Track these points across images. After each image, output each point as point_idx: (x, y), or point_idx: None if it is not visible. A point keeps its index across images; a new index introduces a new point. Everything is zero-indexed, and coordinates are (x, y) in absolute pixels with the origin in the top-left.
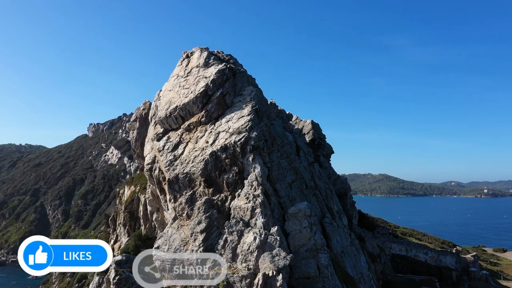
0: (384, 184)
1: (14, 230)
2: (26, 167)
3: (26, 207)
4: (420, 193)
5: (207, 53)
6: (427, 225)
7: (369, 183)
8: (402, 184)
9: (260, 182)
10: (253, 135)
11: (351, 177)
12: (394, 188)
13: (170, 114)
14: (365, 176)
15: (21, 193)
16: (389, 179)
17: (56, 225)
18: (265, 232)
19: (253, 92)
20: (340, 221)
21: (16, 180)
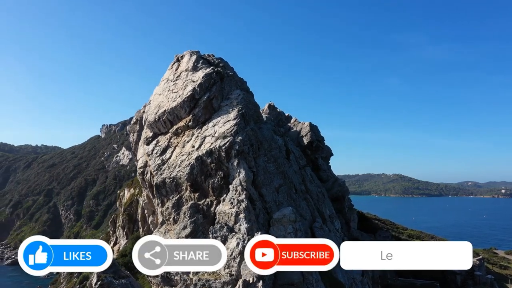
0: (398, 184)
1: (28, 230)
2: (41, 168)
3: (40, 207)
4: (436, 193)
5: (196, 57)
6: (441, 226)
7: (383, 183)
8: (416, 184)
9: (245, 187)
10: (238, 139)
11: (365, 177)
12: (409, 188)
13: (159, 118)
14: (379, 176)
15: (35, 193)
16: (403, 179)
17: (69, 225)
18: (249, 237)
19: (240, 96)
20: (332, 226)
21: (30, 181)
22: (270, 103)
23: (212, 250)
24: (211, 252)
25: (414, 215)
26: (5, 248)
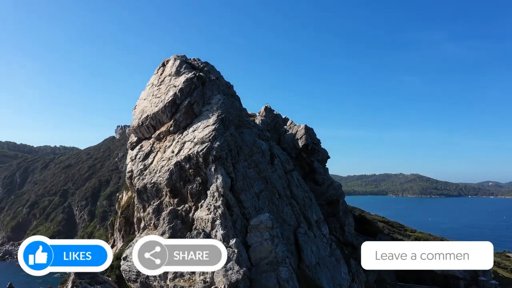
0: (416, 184)
1: (44, 230)
2: (57, 169)
3: (55, 208)
4: (455, 193)
5: (180, 62)
6: (457, 227)
7: (401, 183)
8: (435, 184)
9: (222, 193)
10: (215, 145)
11: (382, 177)
12: (427, 188)
13: (142, 123)
14: (397, 176)
15: (51, 193)
16: (421, 179)
17: (83, 225)
18: (224, 244)
19: (220, 100)
20: (319, 231)
21: (47, 181)
22: (266, 106)
23: (212, 250)
24: (211, 252)
25: (431, 216)
26: None
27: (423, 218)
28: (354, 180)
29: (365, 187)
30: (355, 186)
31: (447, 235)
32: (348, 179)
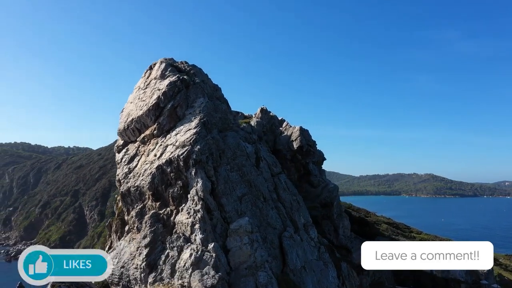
0: (430, 184)
1: (55, 230)
2: (69, 169)
3: (67, 208)
4: (470, 193)
5: (165, 65)
6: (470, 228)
7: (414, 183)
8: (449, 184)
9: (202, 196)
10: (196, 148)
11: (395, 177)
12: (441, 188)
13: (127, 126)
14: (410, 176)
15: (63, 194)
16: (435, 179)
17: (93, 225)
18: (203, 248)
19: (203, 104)
20: (306, 235)
21: (59, 182)
22: (262, 107)
23: (95, 259)
24: (95, 262)
25: (444, 216)
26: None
27: (436, 218)
28: (366, 180)
29: (378, 187)
30: (368, 186)
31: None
32: (360, 179)
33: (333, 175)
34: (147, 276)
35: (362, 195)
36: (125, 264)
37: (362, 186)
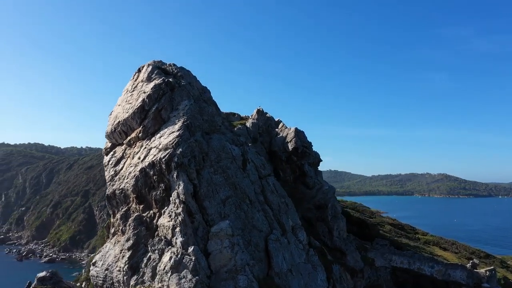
0: (443, 184)
1: (66, 229)
2: (80, 170)
3: (77, 208)
4: (484, 193)
5: (152, 68)
6: (483, 229)
7: (427, 183)
8: (463, 184)
9: (183, 199)
10: (178, 151)
11: (408, 177)
12: (455, 188)
13: (115, 129)
14: (423, 176)
15: (73, 194)
16: (449, 179)
17: (102, 225)
18: (183, 252)
19: (187, 106)
20: (295, 237)
21: (70, 182)
22: (258, 109)
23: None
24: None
25: (457, 217)
26: (44, 246)
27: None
28: (378, 180)
29: (390, 187)
30: (380, 186)
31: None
32: (372, 179)
33: (345, 175)
34: (129, 279)
35: (374, 195)
36: (109, 267)
37: (374, 186)
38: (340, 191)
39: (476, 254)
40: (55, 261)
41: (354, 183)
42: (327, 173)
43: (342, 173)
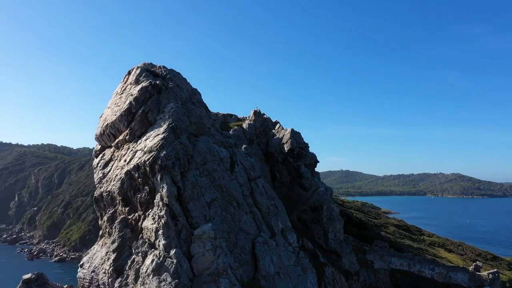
0: (457, 184)
1: (76, 229)
2: (91, 170)
3: (87, 208)
4: (499, 194)
5: (140, 70)
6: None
7: (440, 183)
8: (477, 184)
9: (166, 202)
10: (162, 154)
11: (420, 176)
12: (468, 188)
13: (103, 131)
14: (436, 176)
15: (84, 194)
16: (462, 179)
17: None
18: (165, 254)
19: (172, 109)
20: (284, 240)
21: (80, 182)
22: (255, 110)
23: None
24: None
25: (470, 217)
26: (55, 245)
27: (461, 220)
28: (391, 180)
29: (403, 187)
30: (392, 186)
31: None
32: (384, 179)
33: (357, 175)
34: (114, 281)
35: (386, 195)
36: (95, 269)
37: (386, 186)
38: (351, 191)
39: (483, 256)
40: (65, 260)
41: (366, 183)
42: (338, 173)
43: (354, 173)
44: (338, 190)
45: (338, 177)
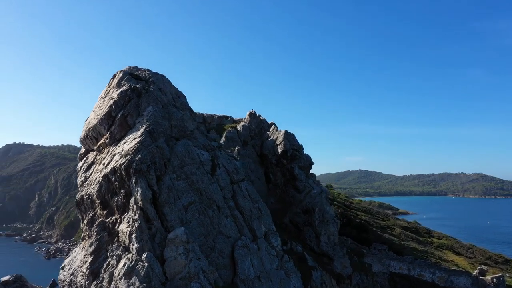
0: (479, 184)
1: None
2: None
3: None
4: None
5: (122, 74)
6: None
7: (462, 183)
8: (500, 184)
9: (141, 206)
10: (137, 158)
11: (441, 176)
12: (491, 188)
13: (86, 135)
14: (457, 175)
15: None
16: (485, 179)
17: None
18: (137, 258)
19: (150, 112)
20: (267, 243)
21: None
22: (251, 111)
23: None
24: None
25: (491, 218)
26: (72, 245)
27: (481, 221)
28: (410, 180)
29: (423, 187)
30: (412, 186)
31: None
32: (404, 179)
33: (375, 175)
34: (90, 284)
35: (405, 196)
36: (74, 271)
37: (405, 186)
38: (370, 191)
39: (493, 259)
40: None
41: (385, 183)
42: (357, 173)
43: (372, 173)
44: (356, 190)
45: (357, 177)
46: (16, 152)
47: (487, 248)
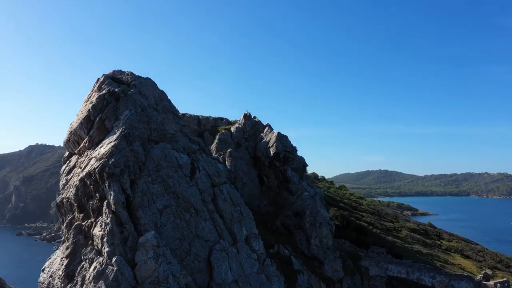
0: (503, 184)
1: None
2: None
3: None
4: None
5: (104, 78)
6: None
7: (485, 183)
8: None
9: (113, 209)
10: (110, 162)
11: (464, 176)
12: None
13: (69, 138)
14: (481, 175)
15: None
16: (510, 179)
17: None
18: (108, 261)
19: (126, 116)
20: (247, 247)
21: None
22: (245, 113)
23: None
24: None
25: None
26: None
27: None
28: (432, 180)
29: (445, 187)
30: (433, 186)
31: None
32: (425, 179)
33: (396, 175)
34: (65, 287)
35: (426, 196)
36: (53, 274)
37: (426, 186)
38: (389, 192)
39: (504, 263)
40: None
41: (405, 183)
42: (377, 172)
43: (393, 173)
44: (376, 191)
45: (376, 177)
46: (38, 153)
47: (506, 251)
